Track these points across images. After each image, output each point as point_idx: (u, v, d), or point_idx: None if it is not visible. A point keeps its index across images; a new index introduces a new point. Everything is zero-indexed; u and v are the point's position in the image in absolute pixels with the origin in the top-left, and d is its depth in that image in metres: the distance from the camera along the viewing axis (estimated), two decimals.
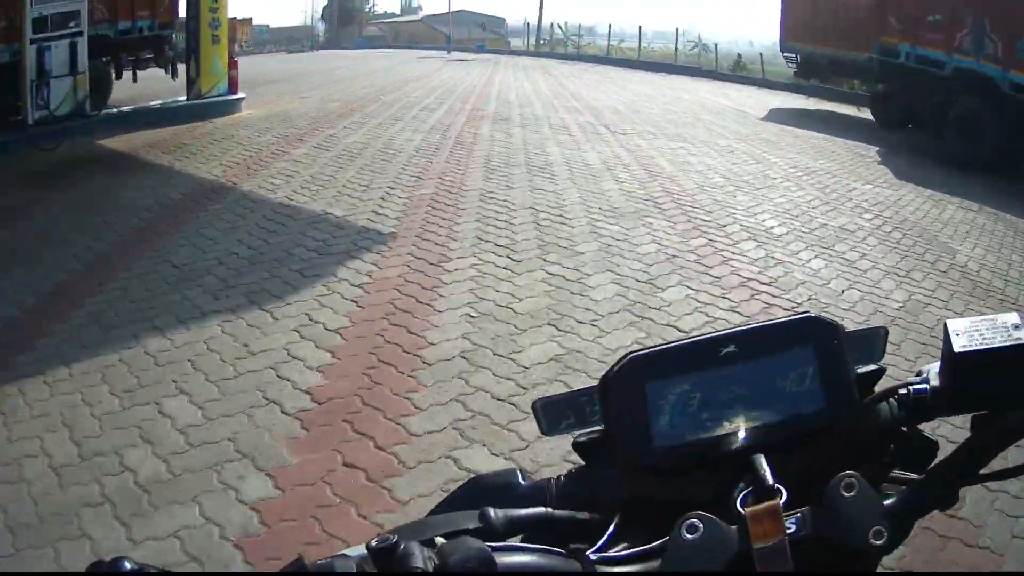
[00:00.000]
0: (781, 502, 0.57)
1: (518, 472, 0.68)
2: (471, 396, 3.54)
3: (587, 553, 0.58)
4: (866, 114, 15.52)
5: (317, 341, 4.06)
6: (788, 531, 0.56)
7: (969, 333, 0.61)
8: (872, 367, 0.68)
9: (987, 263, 6.37)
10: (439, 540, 0.57)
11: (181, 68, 12.65)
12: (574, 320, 4.41)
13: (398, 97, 15.23)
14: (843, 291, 5.26)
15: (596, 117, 13.19)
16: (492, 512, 0.60)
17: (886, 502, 0.60)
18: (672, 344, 0.66)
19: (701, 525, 0.56)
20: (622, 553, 0.59)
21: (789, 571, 0.54)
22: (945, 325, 0.63)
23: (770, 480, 0.58)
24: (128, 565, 0.51)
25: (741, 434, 0.63)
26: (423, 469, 2.98)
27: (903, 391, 0.65)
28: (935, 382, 0.65)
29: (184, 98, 11.94)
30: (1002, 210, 8.43)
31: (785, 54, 18.12)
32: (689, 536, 0.55)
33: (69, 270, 5.15)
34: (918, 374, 0.67)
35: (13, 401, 3.43)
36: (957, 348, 0.60)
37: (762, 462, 0.60)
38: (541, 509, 0.63)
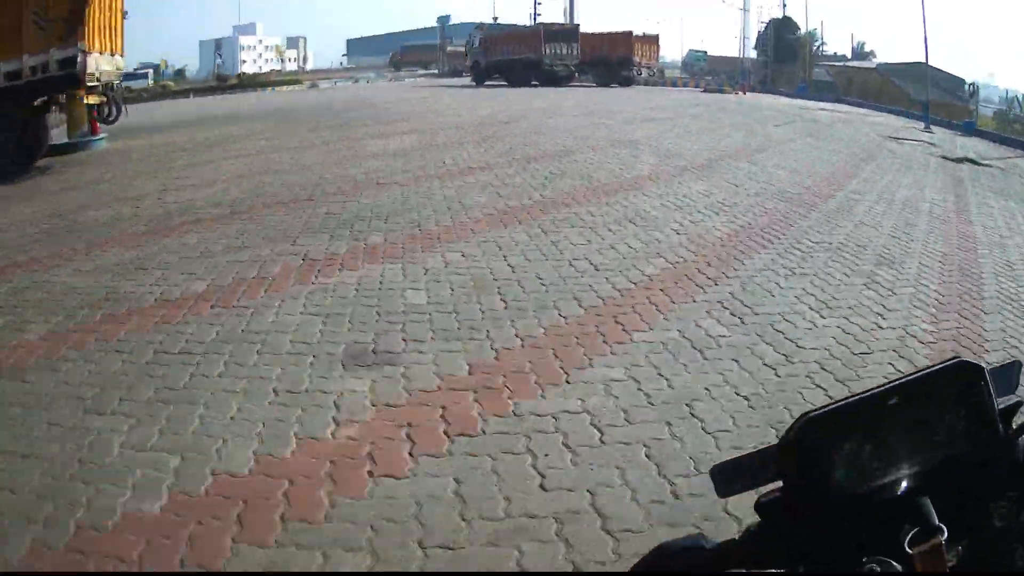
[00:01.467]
0: (943, 539, 0.62)
1: (702, 536, 0.75)
2: None
3: None
4: None
5: None
6: (950, 564, 0.62)
7: None
8: (1012, 400, 0.72)
9: None
10: None
11: None
12: None
13: None
14: None
15: None
16: None
17: None
18: (844, 402, 0.68)
19: (879, 569, 0.62)
20: None
21: None
22: None
23: (934, 520, 0.64)
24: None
25: (906, 479, 0.67)
26: None
27: None
28: None
29: None
30: None
31: None
32: None
33: None
34: None
35: None
36: None
37: (927, 504, 0.65)
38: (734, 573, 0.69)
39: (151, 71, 62.57)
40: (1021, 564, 0.62)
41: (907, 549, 0.61)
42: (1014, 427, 0.70)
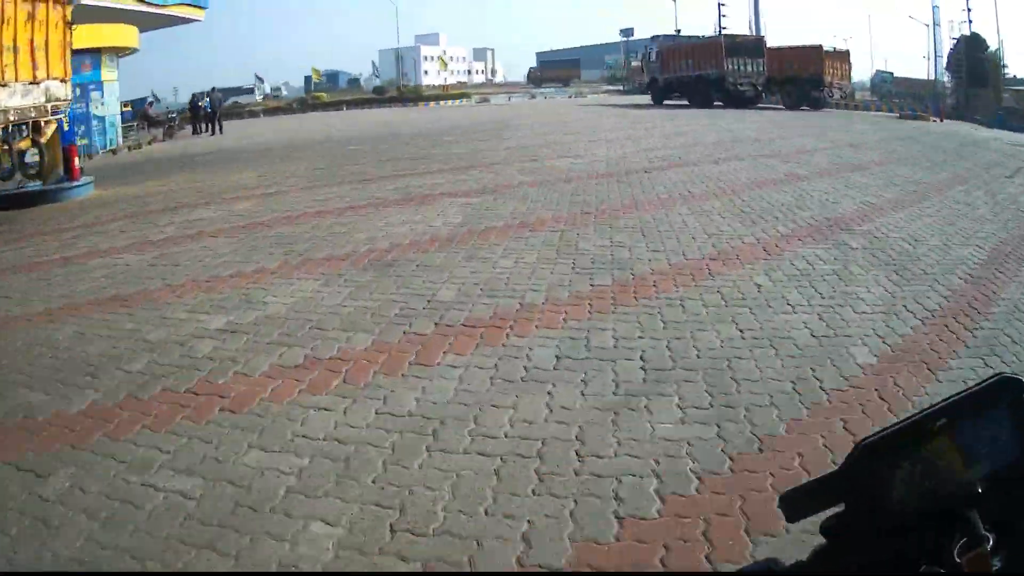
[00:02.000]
0: (989, 546, 0.66)
1: (775, 561, 0.77)
2: None
3: None
4: None
5: None
6: (995, 568, 0.66)
7: None
8: None
9: None
10: None
11: None
12: None
13: None
14: None
15: None
16: None
17: None
18: (897, 426, 0.71)
19: None
20: None
21: None
22: None
23: (980, 530, 0.67)
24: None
25: (955, 493, 0.69)
26: None
27: None
28: None
29: None
30: None
31: None
32: None
33: None
34: None
35: None
36: None
37: (974, 516, 0.68)
38: None
39: (260, 85, 61.44)
40: None
41: (956, 559, 0.66)
42: None
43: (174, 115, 33.50)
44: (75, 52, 18.57)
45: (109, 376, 4.32)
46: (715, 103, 32.18)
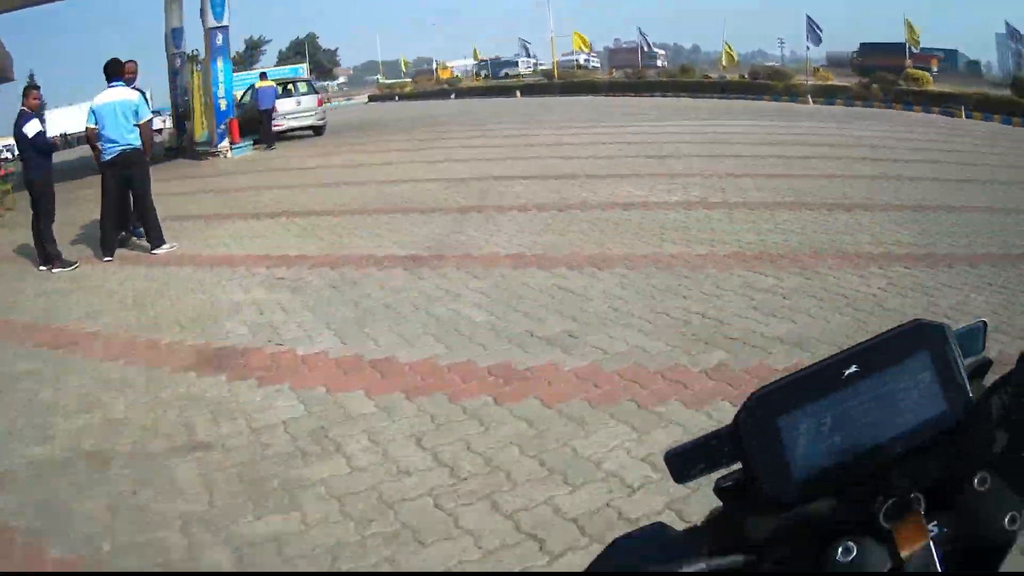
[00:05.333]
0: (922, 509, 0.58)
1: (662, 525, 0.67)
2: None
3: None
4: None
5: None
6: (931, 534, 0.57)
7: None
8: (978, 359, 0.65)
9: None
10: None
11: None
12: None
13: None
14: None
15: None
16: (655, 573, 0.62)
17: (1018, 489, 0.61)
18: (797, 375, 0.63)
19: (854, 547, 0.57)
20: None
21: (937, 573, 0.56)
22: None
23: (909, 490, 0.59)
24: None
25: (874, 451, 0.62)
26: None
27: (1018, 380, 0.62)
28: None
29: None
30: None
31: None
32: (844, 559, 0.57)
33: None
34: (1021, 360, 0.61)
35: None
36: None
37: (899, 474, 0.61)
38: (702, 563, 0.60)
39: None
40: (999, 530, 0.57)
41: (883, 523, 0.57)
42: (985, 388, 0.62)
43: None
44: None
45: None
46: None
